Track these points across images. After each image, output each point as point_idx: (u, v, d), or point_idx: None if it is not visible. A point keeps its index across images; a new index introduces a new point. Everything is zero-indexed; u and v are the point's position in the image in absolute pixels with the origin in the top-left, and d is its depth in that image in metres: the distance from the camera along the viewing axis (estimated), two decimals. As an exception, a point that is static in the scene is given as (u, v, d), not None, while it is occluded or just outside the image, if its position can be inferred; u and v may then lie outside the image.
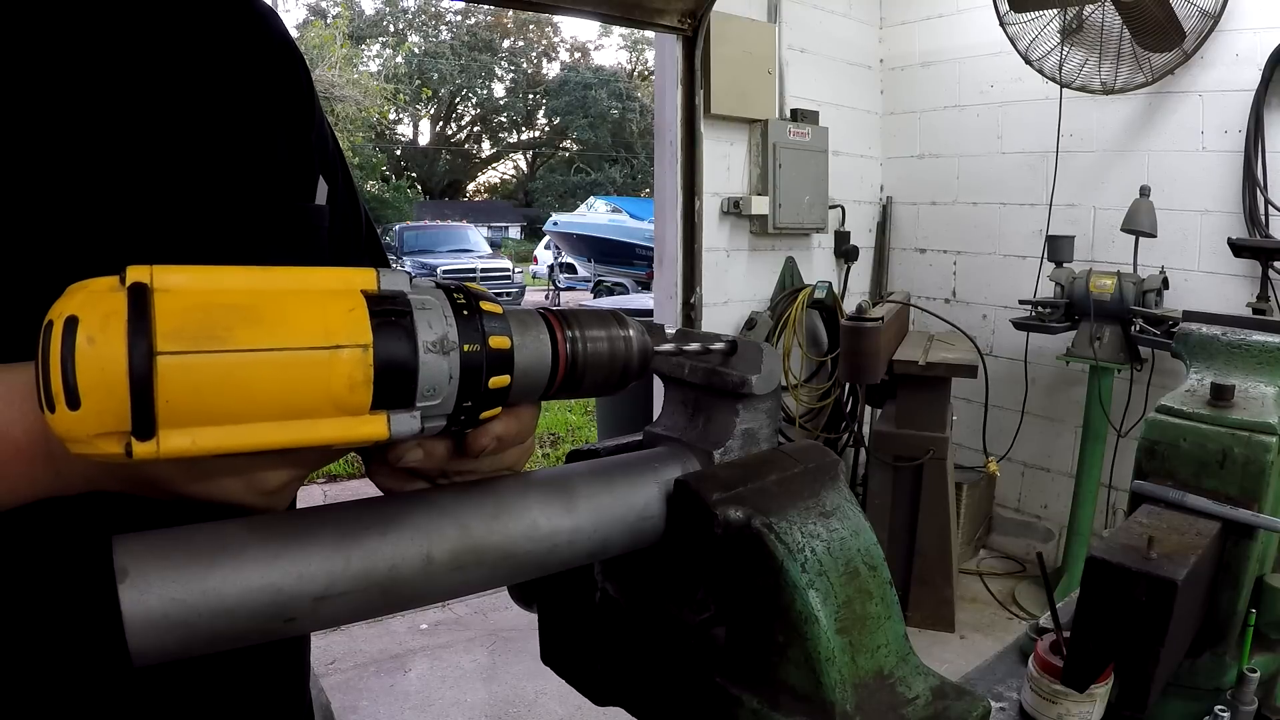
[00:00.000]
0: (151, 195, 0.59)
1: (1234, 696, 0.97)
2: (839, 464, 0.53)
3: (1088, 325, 3.15)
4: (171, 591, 0.34)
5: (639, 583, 0.54)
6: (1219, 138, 3.14)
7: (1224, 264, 3.09)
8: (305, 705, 0.81)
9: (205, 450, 0.32)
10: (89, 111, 0.57)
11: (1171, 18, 2.93)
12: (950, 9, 3.97)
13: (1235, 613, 1.00)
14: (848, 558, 0.47)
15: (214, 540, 0.37)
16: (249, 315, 0.33)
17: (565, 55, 36.56)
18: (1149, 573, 0.81)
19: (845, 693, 0.45)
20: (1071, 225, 3.56)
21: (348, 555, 0.39)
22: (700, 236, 3.46)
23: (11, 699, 0.53)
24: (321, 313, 0.34)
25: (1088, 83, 3.23)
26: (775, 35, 3.66)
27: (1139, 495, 1.02)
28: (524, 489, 0.46)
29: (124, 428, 0.31)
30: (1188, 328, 1.18)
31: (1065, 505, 3.48)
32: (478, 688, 2.98)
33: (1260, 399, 1.04)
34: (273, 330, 0.33)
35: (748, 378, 0.52)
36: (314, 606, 0.38)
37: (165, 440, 0.31)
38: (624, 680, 0.56)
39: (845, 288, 4.20)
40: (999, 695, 1.03)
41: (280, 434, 0.34)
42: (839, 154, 4.03)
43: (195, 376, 0.31)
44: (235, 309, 0.33)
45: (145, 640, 0.34)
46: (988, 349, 3.85)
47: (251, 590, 0.36)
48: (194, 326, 0.32)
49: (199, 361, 0.32)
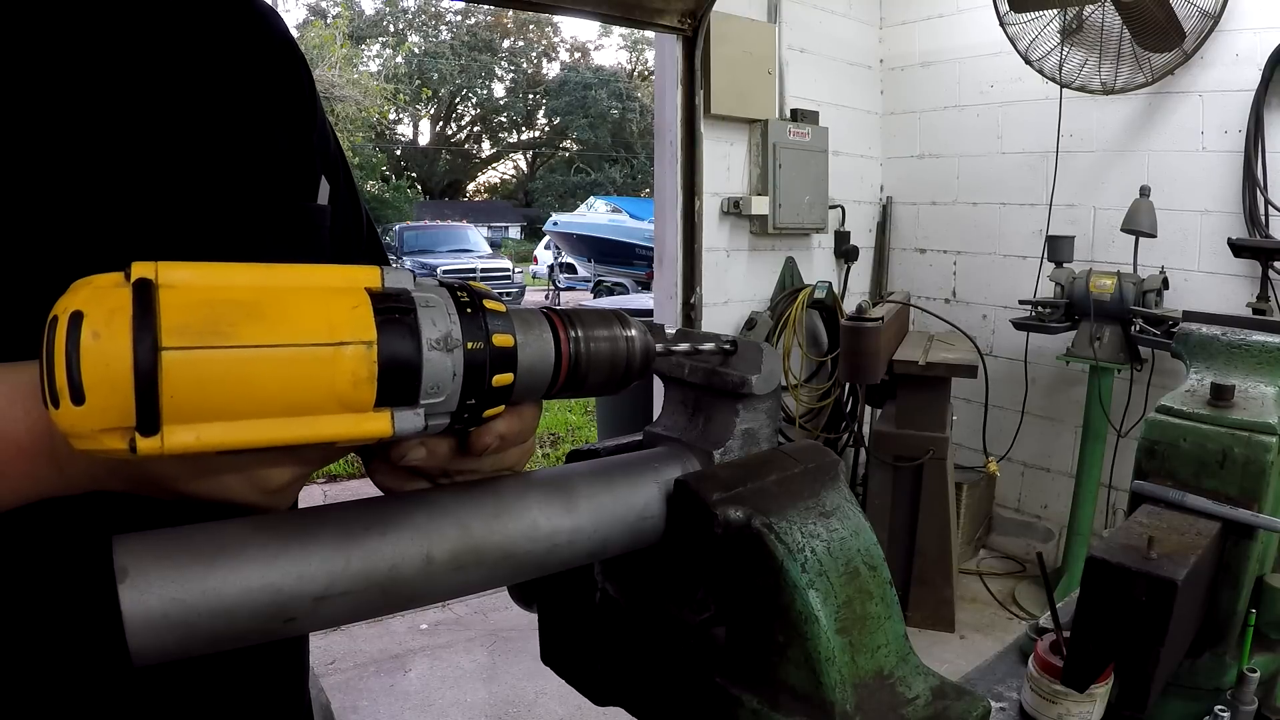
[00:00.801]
0: (155, 193, 0.59)
1: (1234, 696, 0.97)
2: (839, 464, 0.53)
3: (1088, 325, 3.15)
4: (171, 591, 0.34)
5: (639, 583, 0.54)
6: (1219, 138, 3.14)
7: (1224, 264, 3.09)
8: (305, 705, 0.81)
9: (209, 446, 0.32)
10: (92, 110, 0.57)
11: (1171, 18, 2.93)
12: (950, 9, 3.97)
13: (1235, 613, 1.00)
14: (848, 558, 0.47)
15: (214, 540, 0.37)
16: (253, 311, 0.33)
17: (565, 55, 36.60)
18: (1149, 573, 0.81)
19: (845, 693, 0.45)
20: (1071, 225, 3.56)
21: (348, 555, 0.39)
22: (700, 236, 3.46)
23: (11, 699, 0.53)
24: (325, 310, 0.34)
25: (1088, 83, 3.23)
26: (775, 35, 3.66)
27: (1139, 495, 1.02)
28: (524, 489, 0.46)
29: (128, 423, 0.31)
30: (1188, 328, 1.18)
31: (1065, 505, 3.48)
32: (478, 688, 2.98)
33: (1260, 399, 1.04)
34: (277, 326, 0.33)
35: (748, 378, 0.52)
36: (314, 606, 0.38)
37: (170, 436, 0.31)
38: (624, 680, 0.56)
39: (845, 288, 4.20)
40: (999, 695, 1.03)
41: (284, 430, 0.34)
42: (839, 154, 4.03)
43: (200, 372, 0.31)
44: (240, 305, 0.33)
45: (145, 640, 0.34)
46: (988, 349, 3.85)
47: (251, 590, 0.36)
48: (199, 322, 0.32)
49: (204, 357, 0.32)
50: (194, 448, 0.32)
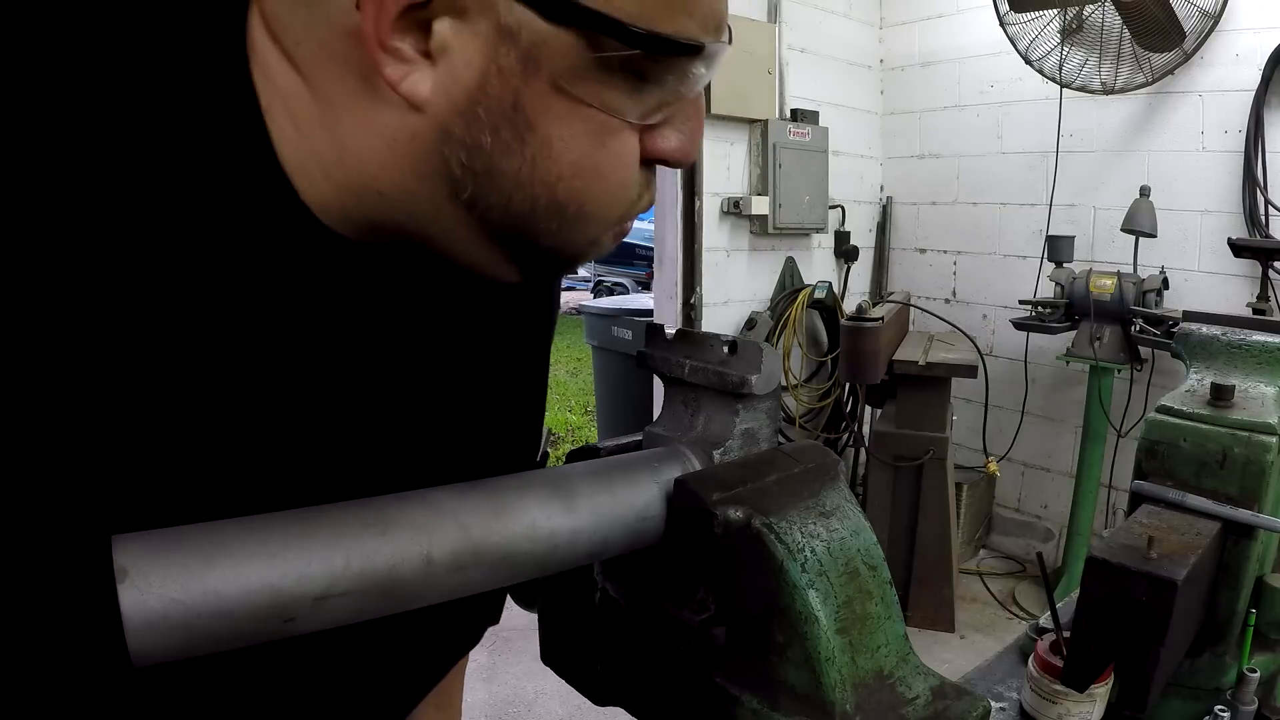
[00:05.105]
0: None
1: (1234, 696, 0.97)
2: (839, 464, 0.53)
3: (1088, 325, 3.14)
4: (171, 591, 0.34)
5: (639, 583, 0.54)
6: (1219, 138, 3.14)
7: (1224, 264, 3.09)
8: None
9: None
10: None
11: (1171, 18, 2.92)
12: (950, 9, 3.96)
13: (1235, 613, 1.00)
14: (848, 558, 0.47)
15: (214, 540, 0.37)
16: None
17: (565, 55, 36.50)
18: (1149, 573, 0.81)
19: (845, 693, 0.44)
20: (1071, 225, 3.56)
21: (348, 555, 0.39)
22: (700, 236, 3.46)
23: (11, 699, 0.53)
24: None
25: (1088, 83, 3.23)
26: (775, 35, 3.66)
27: (1139, 495, 1.02)
28: (524, 489, 0.46)
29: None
30: (1188, 328, 1.18)
31: (1065, 505, 3.48)
32: (478, 688, 2.98)
33: (1260, 399, 1.04)
34: None
35: (748, 378, 0.52)
36: (314, 606, 0.38)
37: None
38: (624, 680, 0.56)
39: (845, 288, 4.20)
40: (999, 695, 1.03)
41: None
42: (839, 154, 4.03)
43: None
44: None
45: (145, 641, 0.34)
46: (988, 349, 3.85)
47: (251, 590, 0.36)
48: None
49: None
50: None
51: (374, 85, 0.41)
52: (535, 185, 0.44)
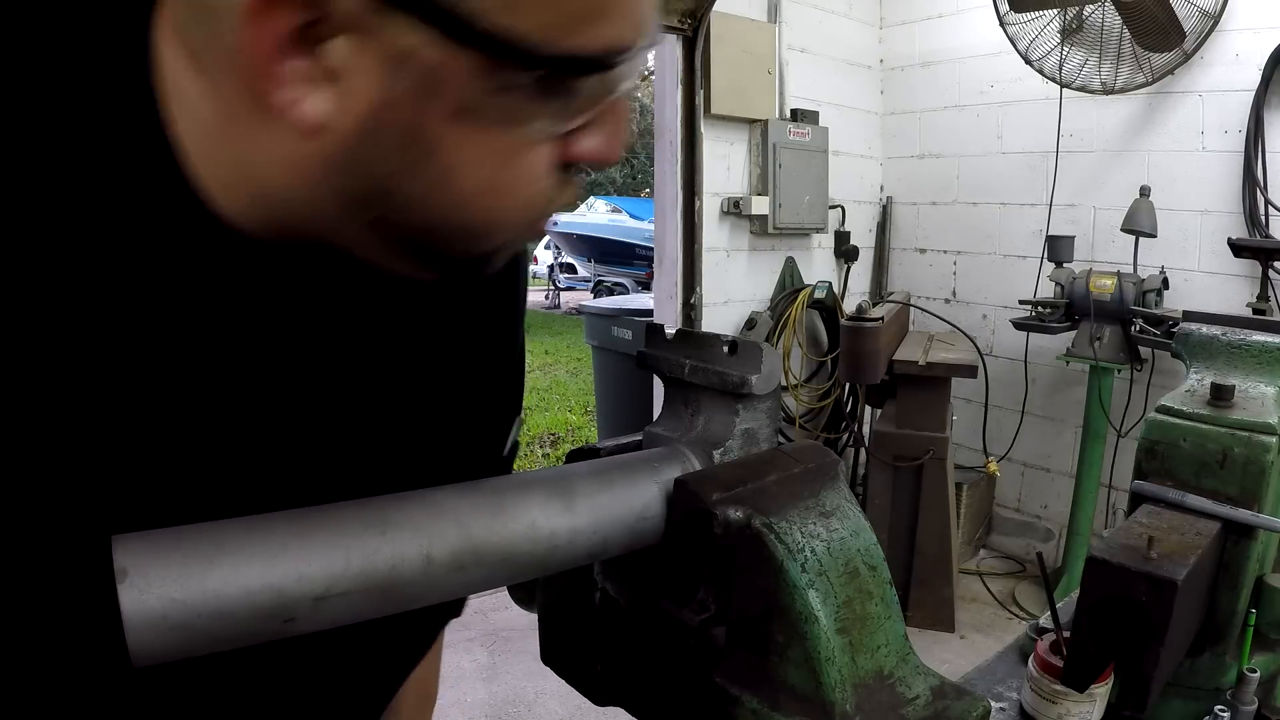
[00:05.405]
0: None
1: (1234, 696, 0.97)
2: (839, 464, 0.53)
3: (1088, 325, 3.15)
4: (171, 591, 0.34)
5: (639, 583, 0.54)
6: (1219, 138, 3.14)
7: (1224, 264, 3.09)
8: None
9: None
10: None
11: (1171, 18, 2.93)
12: (950, 9, 3.96)
13: (1235, 613, 1.00)
14: (848, 558, 0.47)
15: (214, 540, 0.37)
16: None
17: (565, 55, 36.48)
18: (1149, 573, 0.81)
19: (845, 693, 0.44)
20: (1071, 225, 3.56)
21: (348, 555, 0.39)
22: (700, 236, 3.46)
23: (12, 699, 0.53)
24: None
25: (1088, 83, 3.23)
26: (775, 35, 3.66)
27: (1139, 495, 1.02)
28: (524, 489, 0.46)
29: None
30: (1188, 328, 1.18)
31: (1065, 505, 3.48)
32: (478, 688, 2.98)
33: (1260, 399, 1.04)
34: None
35: (748, 378, 0.52)
36: (314, 606, 0.38)
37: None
38: (624, 680, 0.56)
39: (845, 288, 4.20)
40: (999, 695, 1.03)
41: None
42: (839, 154, 4.03)
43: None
44: None
45: (145, 640, 0.34)
46: (988, 349, 3.85)
47: (251, 590, 0.36)
48: None
49: None
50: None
51: (270, 104, 0.39)
52: (442, 206, 0.43)
